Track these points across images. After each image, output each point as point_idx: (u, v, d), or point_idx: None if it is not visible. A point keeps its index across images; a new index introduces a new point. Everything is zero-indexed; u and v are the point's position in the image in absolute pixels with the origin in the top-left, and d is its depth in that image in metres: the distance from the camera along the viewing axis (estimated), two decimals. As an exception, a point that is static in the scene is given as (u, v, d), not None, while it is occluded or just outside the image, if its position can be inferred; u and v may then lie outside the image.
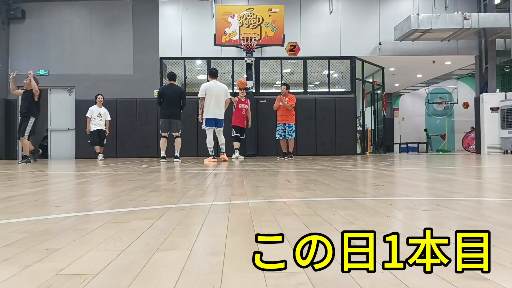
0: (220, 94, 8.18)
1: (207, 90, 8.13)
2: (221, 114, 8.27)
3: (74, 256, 1.04)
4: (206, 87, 8.18)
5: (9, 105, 12.93)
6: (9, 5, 12.94)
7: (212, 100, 8.10)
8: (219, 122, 8.29)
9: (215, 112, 8.16)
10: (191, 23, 13.16)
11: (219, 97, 8.18)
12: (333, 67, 13.31)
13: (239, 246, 1.14)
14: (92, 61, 12.99)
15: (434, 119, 22.51)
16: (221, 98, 8.21)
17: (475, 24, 11.81)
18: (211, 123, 8.22)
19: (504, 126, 12.79)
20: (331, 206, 1.86)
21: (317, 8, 13.34)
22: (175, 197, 2.27)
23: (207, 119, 8.19)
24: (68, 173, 4.91)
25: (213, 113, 8.14)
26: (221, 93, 8.21)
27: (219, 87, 8.29)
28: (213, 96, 8.10)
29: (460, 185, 2.88)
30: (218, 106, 8.18)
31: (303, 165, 6.14)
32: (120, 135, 12.74)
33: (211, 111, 8.14)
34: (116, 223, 1.51)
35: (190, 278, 0.86)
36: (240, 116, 10.17)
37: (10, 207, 2.00)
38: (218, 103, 8.18)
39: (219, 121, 8.28)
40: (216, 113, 8.18)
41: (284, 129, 9.46)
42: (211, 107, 8.11)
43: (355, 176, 3.83)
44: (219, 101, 8.19)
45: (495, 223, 1.43)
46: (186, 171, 4.81)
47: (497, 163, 6.47)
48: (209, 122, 8.22)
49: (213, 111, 8.13)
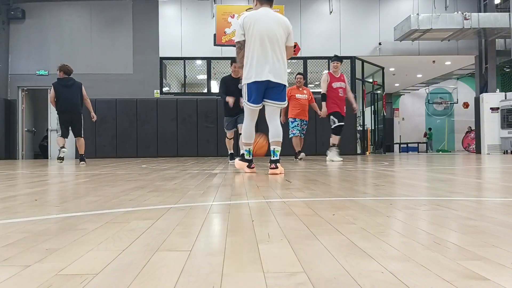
0: (274, 33, 4.18)
1: (248, 27, 4.19)
2: (280, 73, 4.18)
3: (74, 256, 1.04)
4: (245, 22, 4.22)
5: (9, 105, 12.93)
6: (9, 5, 12.95)
7: (257, 44, 4.15)
8: (276, 90, 4.20)
9: (269, 68, 4.13)
10: (191, 23, 13.16)
11: (272, 38, 4.17)
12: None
13: (239, 246, 1.14)
14: (92, 61, 13.00)
15: (434, 119, 22.52)
16: (277, 41, 4.19)
17: (475, 24, 11.82)
18: (258, 92, 4.17)
19: (504, 126, 12.79)
20: (331, 206, 1.86)
21: (317, 8, 13.35)
22: (175, 197, 2.27)
23: (249, 86, 4.19)
24: (68, 173, 4.91)
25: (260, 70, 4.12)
26: (276, 31, 4.19)
27: (273, 19, 4.24)
28: (257, 38, 4.15)
29: (460, 185, 2.88)
30: (271, 56, 4.15)
31: (303, 165, 6.14)
32: (120, 135, 12.74)
33: (257, 67, 4.14)
34: (116, 223, 1.51)
35: (190, 278, 0.86)
36: (337, 98, 7.75)
37: (10, 207, 2.00)
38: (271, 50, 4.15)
39: (275, 89, 4.20)
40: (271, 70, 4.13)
41: (301, 125, 8.49)
42: (256, 59, 4.14)
43: (355, 176, 3.83)
44: (274, 46, 4.17)
45: (495, 223, 1.43)
46: (186, 171, 4.81)
47: (497, 163, 6.47)
48: (254, 91, 4.18)
49: (262, 67, 4.13)
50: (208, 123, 12.74)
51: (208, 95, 13.05)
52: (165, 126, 12.77)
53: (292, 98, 8.34)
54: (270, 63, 4.14)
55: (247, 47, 4.23)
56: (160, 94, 13.00)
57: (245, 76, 4.23)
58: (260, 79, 4.14)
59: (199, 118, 12.82)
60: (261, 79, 4.14)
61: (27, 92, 13.39)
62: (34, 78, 12.96)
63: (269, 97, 4.23)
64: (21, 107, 13.24)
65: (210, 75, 13.19)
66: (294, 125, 8.46)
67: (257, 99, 4.22)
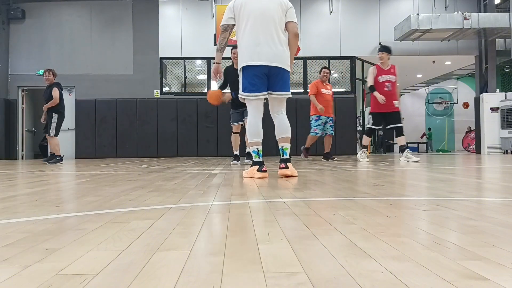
0: (269, 12, 3.66)
1: (239, 8, 3.72)
2: (280, 56, 3.64)
3: (74, 256, 1.04)
4: (236, 3, 3.76)
5: (9, 105, 12.94)
6: (9, 5, 12.95)
7: (249, 25, 3.66)
8: (278, 78, 3.65)
9: (264, 50, 3.60)
10: (191, 23, 13.16)
11: (268, 17, 3.65)
12: (333, 67, 13.31)
13: (239, 246, 1.14)
14: (92, 61, 13.00)
15: (434, 119, 22.51)
16: (273, 20, 3.65)
17: (475, 24, 11.82)
18: (256, 78, 3.62)
19: (504, 126, 12.79)
20: (331, 206, 1.86)
21: (317, 8, 13.35)
22: (175, 197, 2.27)
23: (245, 73, 3.67)
24: (68, 173, 4.91)
25: (256, 54, 3.60)
26: (272, 9, 3.67)
27: None
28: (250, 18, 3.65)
29: (460, 185, 2.88)
30: (268, 37, 3.62)
31: (303, 165, 6.14)
32: (120, 135, 12.75)
33: (251, 50, 3.63)
34: (116, 223, 1.51)
35: (190, 278, 0.86)
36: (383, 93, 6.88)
37: (10, 207, 2.00)
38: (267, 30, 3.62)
39: (276, 77, 3.65)
40: (266, 53, 3.60)
41: (326, 123, 7.90)
42: (251, 41, 3.64)
43: (355, 176, 3.83)
44: (270, 27, 3.63)
45: (495, 223, 1.43)
46: (186, 171, 4.81)
47: (497, 163, 6.47)
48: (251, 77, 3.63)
49: (256, 50, 3.60)
50: (208, 123, 12.74)
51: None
52: (165, 126, 12.77)
53: (318, 93, 7.78)
54: (266, 45, 3.60)
55: (239, 30, 3.73)
56: (160, 94, 13.00)
57: (240, 62, 3.71)
58: (256, 62, 3.60)
59: (199, 118, 12.82)
60: (258, 63, 3.59)
61: (27, 92, 13.40)
62: (34, 78, 12.96)
63: (272, 87, 3.68)
64: (21, 107, 13.24)
65: (210, 75, 13.18)
66: (317, 123, 7.85)
67: (257, 86, 3.62)
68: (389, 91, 6.91)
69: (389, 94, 6.89)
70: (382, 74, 7.00)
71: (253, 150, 3.73)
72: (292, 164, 3.83)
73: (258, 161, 3.68)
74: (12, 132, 13.03)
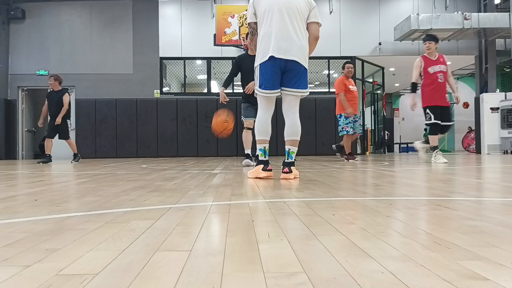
0: (294, 4, 3.54)
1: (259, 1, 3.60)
2: (302, 52, 3.54)
3: (74, 256, 1.04)
4: None
5: (9, 105, 12.94)
6: (9, 5, 12.95)
7: (273, 18, 3.51)
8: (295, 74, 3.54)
9: (283, 45, 3.46)
10: (191, 23, 13.17)
11: (293, 10, 3.53)
12: (333, 67, 13.32)
13: (239, 246, 1.14)
14: (92, 61, 13.00)
15: (434, 119, 22.48)
16: (299, 13, 3.54)
17: (475, 24, 11.82)
18: (274, 74, 3.50)
19: (504, 126, 12.78)
20: (331, 206, 1.86)
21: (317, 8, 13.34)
22: (175, 197, 2.27)
23: (264, 66, 3.51)
24: (68, 173, 4.91)
25: (277, 47, 3.46)
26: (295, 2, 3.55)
27: None
28: (275, 10, 3.51)
29: (460, 185, 2.88)
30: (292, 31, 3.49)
31: (303, 165, 6.14)
32: (120, 135, 12.75)
33: (274, 42, 3.46)
34: (116, 223, 1.51)
35: (190, 278, 0.86)
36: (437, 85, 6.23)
37: (10, 207, 2.00)
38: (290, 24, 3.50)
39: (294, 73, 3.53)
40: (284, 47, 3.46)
41: (355, 121, 7.48)
42: (273, 33, 3.48)
43: (355, 176, 3.83)
44: (293, 20, 3.51)
45: (495, 223, 1.43)
46: (186, 171, 4.80)
47: (497, 163, 6.47)
48: (269, 73, 3.50)
49: (279, 43, 3.46)
50: (208, 123, 12.72)
51: (208, 95, 13.05)
52: (165, 126, 12.77)
53: (346, 90, 7.37)
54: (290, 39, 3.44)
55: (260, 24, 3.54)
56: (160, 94, 13.00)
57: (257, 57, 3.53)
58: (276, 55, 3.41)
59: (199, 118, 12.82)
60: (278, 56, 3.42)
61: (27, 92, 13.39)
62: (34, 78, 12.97)
63: (286, 83, 3.51)
64: (21, 107, 13.24)
65: (210, 75, 13.19)
66: (348, 121, 7.40)
67: (273, 83, 3.47)
68: (442, 82, 6.23)
69: (442, 86, 6.25)
70: (432, 65, 6.25)
71: (260, 148, 3.58)
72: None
73: (264, 160, 3.55)
74: (12, 132, 13.03)
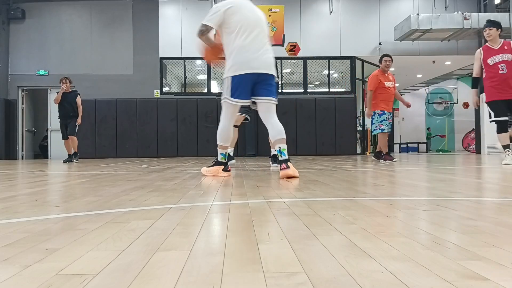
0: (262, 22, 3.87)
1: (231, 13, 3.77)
2: (272, 63, 3.80)
3: (74, 256, 1.04)
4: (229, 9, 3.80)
5: (9, 105, 12.94)
6: (9, 5, 12.95)
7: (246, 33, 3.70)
8: (267, 84, 3.75)
9: (257, 58, 3.68)
10: (191, 23, 13.16)
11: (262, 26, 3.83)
12: (333, 67, 13.32)
13: (239, 246, 1.14)
14: (92, 61, 13.01)
15: (434, 119, 22.52)
16: (264, 30, 3.84)
17: (475, 24, 11.82)
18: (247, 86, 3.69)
19: (504, 126, 12.75)
20: (331, 206, 1.86)
21: (317, 8, 13.35)
22: (175, 197, 2.27)
23: (238, 78, 3.68)
24: (68, 173, 4.91)
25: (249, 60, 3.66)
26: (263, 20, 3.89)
27: (256, 8, 3.94)
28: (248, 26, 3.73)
29: (460, 185, 2.88)
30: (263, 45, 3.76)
31: (303, 165, 6.14)
32: (120, 135, 12.75)
33: (248, 55, 3.67)
34: (116, 223, 1.51)
35: (190, 278, 0.86)
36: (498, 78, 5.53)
37: (10, 207, 2.00)
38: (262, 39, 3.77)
39: (266, 83, 3.73)
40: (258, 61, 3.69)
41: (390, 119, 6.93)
42: (249, 48, 3.68)
43: (355, 176, 3.83)
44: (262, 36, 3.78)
45: (495, 223, 1.43)
46: (186, 171, 4.81)
47: (497, 163, 6.47)
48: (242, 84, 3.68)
49: (255, 58, 3.67)
50: (208, 123, 12.74)
51: (208, 95, 13.06)
52: (165, 126, 12.78)
53: (381, 86, 6.86)
54: (265, 53, 3.74)
55: (233, 35, 3.72)
56: (160, 94, 13.01)
57: (231, 68, 3.69)
58: (253, 70, 3.66)
59: (199, 118, 12.83)
60: (254, 71, 3.66)
61: (27, 92, 13.40)
62: (34, 78, 12.97)
63: (260, 93, 3.73)
64: (21, 107, 13.24)
65: (210, 75, 13.19)
66: (382, 118, 6.85)
67: (246, 93, 3.71)
68: (504, 73, 5.49)
69: (505, 78, 5.48)
70: (492, 55, 5.62)
71: (222, 153, 3.98)
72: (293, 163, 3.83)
73: (224, 162, 4.02)
74: (12, 132, 13.04)
